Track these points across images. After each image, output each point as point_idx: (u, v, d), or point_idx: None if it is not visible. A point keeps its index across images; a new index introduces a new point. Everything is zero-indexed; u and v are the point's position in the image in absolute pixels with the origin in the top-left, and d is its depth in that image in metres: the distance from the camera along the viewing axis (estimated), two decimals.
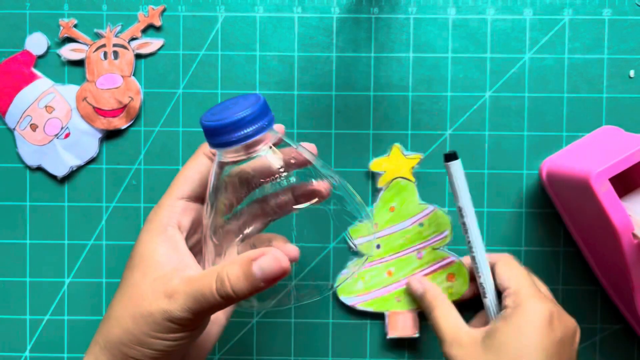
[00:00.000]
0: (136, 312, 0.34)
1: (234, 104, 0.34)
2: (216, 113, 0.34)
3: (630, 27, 0.48)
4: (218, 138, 0.33)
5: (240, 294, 0.32)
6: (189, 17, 0.49)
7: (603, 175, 0.39)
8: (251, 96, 0.34)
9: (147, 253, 0.36)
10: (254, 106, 0.33)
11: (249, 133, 0.32)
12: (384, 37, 0.49)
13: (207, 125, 0.33)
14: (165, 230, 0.36)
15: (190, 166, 0.38)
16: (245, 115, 0.32)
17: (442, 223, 0.48)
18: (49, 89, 0.49)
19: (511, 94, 0.48)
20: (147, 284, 0.35)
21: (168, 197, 0.38)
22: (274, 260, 0.32)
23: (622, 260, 0.41)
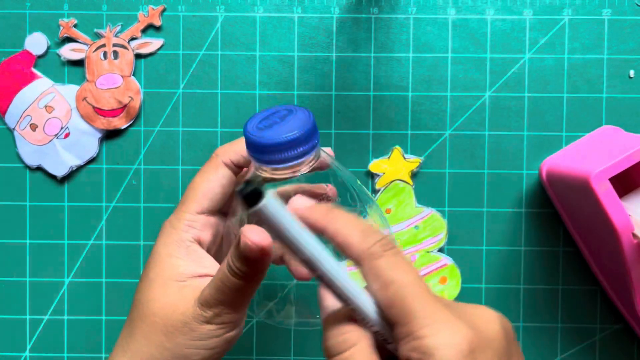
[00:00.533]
0: (169, 325, 0.33)
1: (281, 117, 0.33)
2: (263, 127, 0.33)
3: (630, 27, 0.48)
4: (268, 155, 0.31)
5: (242, 270, 0.31)
6: (189, 17, 0.49)
7: (603, 175, 0.39)
8: (299, 110, 0.33)
9: (166, 266, 0.35)
10: (305, 124, 0.32)
11: (300, 153, 0.32)
12: (384, 37, 0.49)
13: (259, 142, 0.31)
14: (187, 246, 0.36)
15: (211, 178, 0.36)
16: (299, 135, 0.31)
17: (438, 227, 0.48)
18: (48, 88, 0.49)
19: (511, 94, 0.48)
20: (172, 294, 0.34)
21: (187, 210, 0.36)
22: (245, 240, 0.30)
23: (622, 260, 0.41)
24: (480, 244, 0.49)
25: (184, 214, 0.36)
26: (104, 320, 0.49)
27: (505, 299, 0.49)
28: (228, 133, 0.49)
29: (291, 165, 0.32)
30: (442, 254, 0.48)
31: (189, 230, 0.36)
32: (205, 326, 0.33)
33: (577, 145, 0.48)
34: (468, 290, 0.49)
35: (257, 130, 0.32)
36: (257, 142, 0.31)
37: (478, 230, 0.49)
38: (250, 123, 0.33)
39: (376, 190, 0.48)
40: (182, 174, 0.49)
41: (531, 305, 0.49)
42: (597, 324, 0.49)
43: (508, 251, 0.49)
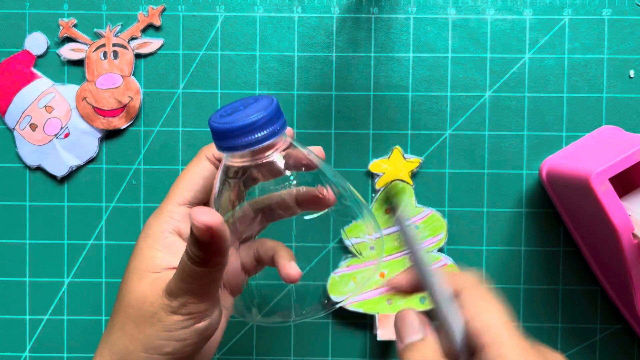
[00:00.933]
0: (139, 316, 0.33)
1: (245, 105, 0.33)
2: (226, 114, 0.32)
3: (630, 27, 0.48)
4: (227, 141, 0.31)
5: (197, 254, 0.31)
6: (189, 16, 0.49)
7: (603, 175, 0.39)
8: (264, 98, 0.33)
9: (145, 258, 0.35)
10: (266, 109, 0.31)
11: (260, 138, 0.31)
12: (384, 37, 0.49)
13: (217, 127, 0.31)
14: (165, 237, 0.35)
15: (193, 170, 0.37)
16: (258, 119, 0.31)
17: (438, 226, 0.48)
18: (48, 88, 0.49)
19: (511, 94, 0.48)
20: (145, 286, 0.34)
21: (169, 202, 0.36)
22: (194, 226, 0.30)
23: (622, 260, 0.41)
24: (480, 244, 0.49)
25: (166, 205, 0.36)
26: (104, 320, 0.49)
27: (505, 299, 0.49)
28: None
29: (252, 150, 0.31)
30: (442, 254, 0.48)
31: (169, 222, 0.36)
32: (173, 317, 0.33)
33: (577, 145, 0.48)
34: None
35: (219, 117, 0.32)
36: (215, 128, 0.31)
37: (478, 230, 0.49)
38: (215, 113, 0.33)
39: (376, 190, 0.48)
40: None
41: (531, 305, 0.49)
42: (597, 324, 0.49)
43: (508, 251, 0.49)
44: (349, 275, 0.48)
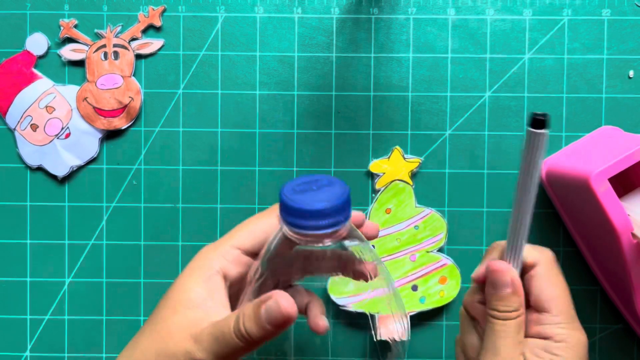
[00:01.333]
0: (161, 349, 0.34)
1: (319, 187, 0.34)
2: (299, 190, 0.33)
3: (630, 28, 0.48)
4: (292, 218, 0.32)
5: (252, 335, 0.32)
6: (189, 17, 0.49)
7: (602, 175, 0.39)
8: (336, 184, 0.34)
9: (183, 291, 0.36)
10: (337, 199, 0.32)
11: (322, 226, 0.32)
12: (384, 37, 0.49)
13: (286, 203, 0.32)
14: (209, 275, 0.36)
15: (260, 222, 0.37)
16: (325, 208, 0.32)
17: (438, 227, 0.48)
18: (49, 89, 0.49)
19: (511, 94, 0.48)
20: (175, 323, 0.34)
21: (227, 243, 0.37)
22: (276, 305, 0.31)
23: (622, 260, 0.41)
24: (480, 244, 0.49)
25: (222, 244, 0.37)
26: (104, 320, 0.50)
27: None
28: (228, 133, 0.49)
29: (310, 233, 0.33)
30: (442, 253, 0.48)
31: (221, 261, 0.36)
32: None
33: (577, 145, 0.48)
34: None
35: (292, 192, 0.33)
36: (284, 203, 0.32)
37: (478, 230, 0.49)
38: (289, 184, 0.34)
39: (376, 190, 0.48)
40: (182, 174, 0.49)
41: None
42: (596, 324, 0.49)
43: None
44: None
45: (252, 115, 0.49)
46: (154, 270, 0.49)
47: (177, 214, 0.49)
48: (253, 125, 0.49)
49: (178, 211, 0.49)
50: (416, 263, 0.48)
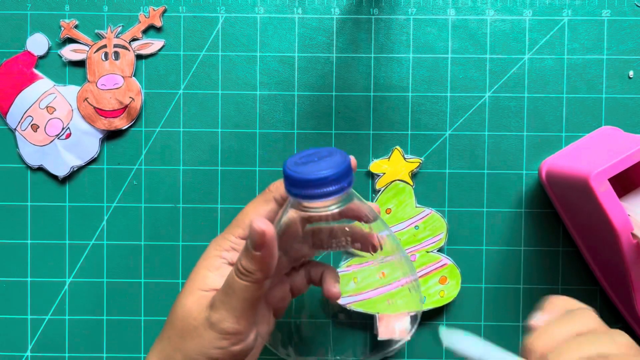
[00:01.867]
0: (183, 329, 0.36)
1: (320, 157, 0.36)
2: (301, 162, 0.35)
3: (630, 28, 0.48)
4: (298, 189, 0.34)
5: (249, 269, 0.34)
6: (190, 17, 0.49)
7: (602, 175, 0.39)
8: (337, 154, 0.35)
9: (198, 277, 0.38)
10: (338, 167, 0.34)
11: (327, 192, 0.34)
12: (384, 38, 0.49)
13: (291, 175, 0.34)
14: (220, 263, 0.38)
15: (260, 210, 0.39)
16: (329, 175, 0.33)
17: (438, 227, 0.48)
18: (50, 89, 0.49)
19: (511, 94, 0.49)
20: (191, 301, 0.37)
21: (232, 233, 0.39)
22: (251, 227, 0.34)
23: (622, 260, 0.41)
24: (480, 244, 0.49)
25: (230, 236, 0.39)
26: (105, 320, 0.50)
27: (505, 299, 0.49)
28: (228, 133, 0.49)
29: (318, 201, 0.35)
30: (442, 254, 0.48)
31: (231, 251, 0.38)
32: (210, 333, 0.35)
33: (576, 145, 0.48)
34: (468, 290, 0.49)
35: (295, 165, 0.35)
36: (289, 176, 0.34)
37: (478, 230, 0.49)
38: (291, 158, 0.36)
39: (376, 190, 0.49)
40: (182, 174, 0.49)
41: (531, 305, 0.49)
42: None
43: (508, 251, 0.49)
44: (349, 275, 0.48)
45: (252, 116, 0.49)
46: (154, 270, 0.49)
47: (177, 214, 0.49)
48: (253, 125, 0.49)
49: (178, 211, 0.49)
50: (416, 263, 0.48)
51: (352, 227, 0.38)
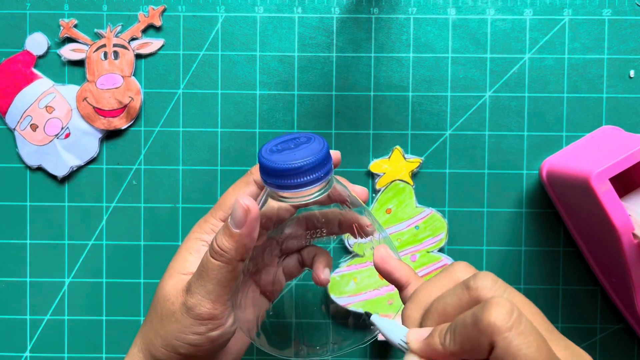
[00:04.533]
0: (163, 313, 0.36)
1: (297, 144, 0.34)
2: (276, 150, 0.34)
3: (630, 28, 0.48)
4: (273, 179, 0.33)
5: (224, 247, 0.34)
6: (189, 17, 0.49)
7: (603, 175, 0.39)
8: (315, 141, 0.34)
9: (179, 260, 0.38)
10: (314, 155, 0.32)
11: (302, 182, 0.32)
12: (384, 37, 0.49)
13: (264, 164, 0.33)
14: (201, 246, 0.38)
15: (241, 192, 0.38)
16: (303, 165, 0.32)
17: (438, 227, 0.48)
18: (49, 89, 0.49)
19: (511, 94, 0.48)
20: (170, 284, 0.37)
21: (215, 217, 0.38)
22: (236, 204, 0.33)
23: (622, 260, 0.41)
24: (480, 244, 0.49)
25: (211, 218, 0.38)
26: (104, 320, 0.49)
27: None
28: (228, 133, 0.49)
29: (292, 192, 0.33)
30: (442, 254, 0.48)
31: (211, 234, 0.38)
32: (187, 318, 0.35)
33: (577, 145, 0.48)
34: None
35: (269, 152, 0.33)
36: (263, 165, 0.33)
37: (478, 230, 0.49)
38: (267, 144, 0.34)
39: (376, 190, 0.48)
40: (182, 174, 0.49)
41: None
42: (597, 324, 0.49)
43: (508, 251, 0.49)
44: (349, 275, 0.48)
45: (252, 115, 0.49)
46: (154, 270, 0.49)
47: (177, 214, 0.49)
48: (253, 125, 0.49)
49: (178, 211, 0.49)
50: (417, 263, 0.48)
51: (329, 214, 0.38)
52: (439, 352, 0.27)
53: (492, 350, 0.25)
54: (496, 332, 0.24)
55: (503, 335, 0.24)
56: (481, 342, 0.25)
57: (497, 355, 0.24)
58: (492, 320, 0.24)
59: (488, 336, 0.24)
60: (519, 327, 0.24)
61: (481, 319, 0.25)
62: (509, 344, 0.24)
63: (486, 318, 0.24)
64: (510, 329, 0.24)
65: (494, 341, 0.24)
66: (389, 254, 0.33)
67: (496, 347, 0.24)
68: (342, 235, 0.48)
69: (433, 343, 0.27)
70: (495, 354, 0.25)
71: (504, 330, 0.24)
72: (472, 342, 0.25)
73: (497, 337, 0.24)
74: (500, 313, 0.24)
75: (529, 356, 0.24)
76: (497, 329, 0.24)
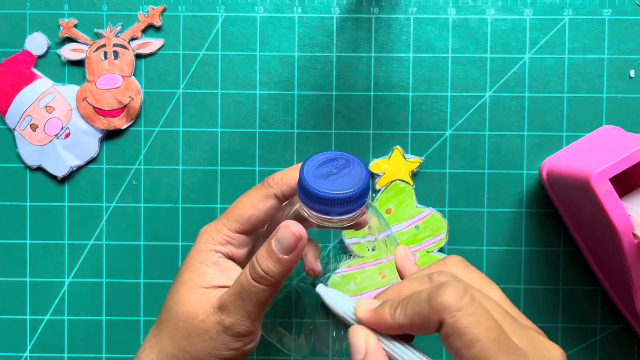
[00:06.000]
0: (189, 330, 0.35)
1: (339, 168, 0.35)
2: (319, 175, 0.34)
3: (630, 27, 0.48)
4: (320, 206, 0.33)
5: (270, 272, 0.33)
6: (189, 17, 0.49)
7: (603, 175, 0.39)
8: (356, 165, 0.35)
9: (196, 272, 0.37)
10: (359, 182, 0.33)
11: (350, 210, 0.33)
12: (384, 37, 0.49)
13: (313, 192, 0.33)
14: (217, 257, 0.37)
15: (260, 207, 0.37)
16: (352, 195, 0.33)
17: (438, 227, 0.48)
18: (49, 89, 0.49)
19: (511, 94, 0.48)
20: (194, 301, 0.35)
21: (228, 226, 0.37)
22: (286, 230, 0.33)
23: (622, 260, 0.41)
24: (481, 244, 0.49)
25: (223, 228, 0.37)
26: (104, 320, 0.49)
27: None
28: (228, 133, 0.49)
29: (337, 219, 0.34)
30: (442, 254, 0.48)
31: (226, 246, 0.37)
32: (224, 337, 0.34)
33: (577, 145, 0.48)
34: None
35: (314, 178, 0.34)
36: (312, 192, 0.33)
37: (478, 230, 0.49)
38: (307, 166, 0.34)
39: (376, 190, 0.48)
40: (182, 174, 0.49)
41: (531, 305, 0.49)
42: (597, 324, 0.49)
43: (508, 251, 0.49)
44: (349, 275, 0.48)
45: (252, 115, 0.49)
46: (154, 270, 0.49)
47: (177, 214, 0.49)
48: (253, 125, 0.49)
49: (178, 211, 0.49)
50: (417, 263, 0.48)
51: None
52: (386, 323, 0.29)
53: (440, 328, 0.26)
54: (446, 311, 0.26)
55: (452, 314, 0.26)
56: (431, 319, 0.27)
57: (445, 332, 0.26)
58: (445, 299, 0.26)
59: (438, 313, 0.26)
60: (469, 309, 0.26)
61: (434, 297, 0.26)
62: (457, 322, 0.26)
63: (439, 297, 0.26)
64: (460, 309, 0.26)
65: (443, 319, 0.26)
66: (407, 256, 0.35)
67: (444, 325, 0.26)
68: (342, 236, 0.48)
69: (383, 313, 0.29)
70: (443, 330, 0.26)
71: (454, 309, 0.26)
72: (422, 318, 0.27)
73: (446, 314, 0.26)
74: (452, 293, 0.26)
75: (476, 334, 0.26)
76: (448, 308, 0.26)
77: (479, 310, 0.26)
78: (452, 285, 0.27)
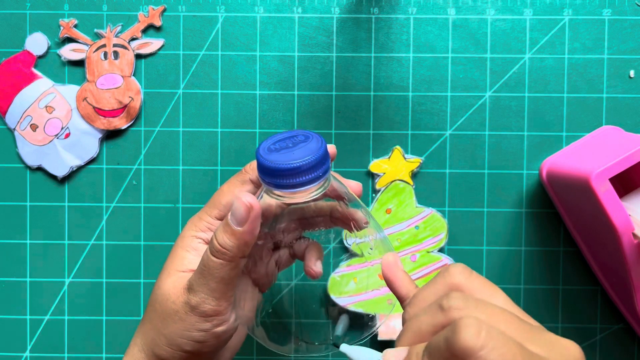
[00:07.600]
0: (164, 312, 0.36)
1: (295, 143, 0.34)
2: (274, 149, 0.34)
3: (630, 28, 0.48)
4: (270, 179, 0.33)
5: (226, 246, 0.34)
6: (189, 17, 0.49)
7: (603, 175, 0.39)
8: (313, 140, 0.34)
9: (176, 258, 0.38)
10: (313, 155, 0.32)
11: (300, 182, 0.32)
12: (384, 37, 0.49)
13: (263, 163, 0.32)
14: (197, 243, 0.38)
15: (236, 191, 0.38)
16: (302, 165, 0.32)
17: (438, 227, 0.48)
18: (49, 89, 0.49)
19: (511, 94, 0.48)
20: (169, 283, 0.37)
21: (209, 214, 0.38)
22: (237, 201, 0.33)
23: (622, 260, 0.41)
24: (481, 244, 0.49)
25: (205, 215, 0.38)
26: (104, 320, 0.49)
27: None
28: (228, 133, 0.49)
29: (291, 191, 0.33)
30: (442, 254, 0.48)
31: (207, 232, 0.38)
32: (191, 317, 0.35)
33: (577, 145, 0.48)
34: None
35: (267, 152, 0.33)
36: (262, 164, 0.33)
37: (478, 230, 0.49)
38: (264, 142, 0.34)
39: (376, 190, 0.48)
40: (182, 174, 0.49)
41: (531, 305, 0.49)
42: (597, 324, 0.49)
43: (508, 251, 0.49)
44: (349, 275, 0.48)
45: (252, 115, 0.49)
46: (154, 270, 0.49)
47: (177, 214, 0.49)
48: (253, 125, 0.49)
49: (178, 211, 0.49)
50: (417, 263, 0.48)
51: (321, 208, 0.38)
52: None
53: None
54: (469, 354, 0.25)
55: (476, 356, 0.25)
56: None
57: None
58: (463, 343, 0.25)
59: (462, 358, 0.25)
60: (490, 344, 0.25)
61: (452, 344, 0.25)
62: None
63: (457, 342, 0.25)
64: (482, 348, 0.25)
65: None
66: (397, 263, 0.34)
67: None
68: (342, 235, 0.48)
69: None
70: None
71: (476, 350, 0.25)
72: None
73: (470, 358, 0.25)
74: (469, 334, 0.25)
75: None
76: (470, 351, 0.25)
77: (499, 341, 0.25)
78: (466, 325, 0.25)
